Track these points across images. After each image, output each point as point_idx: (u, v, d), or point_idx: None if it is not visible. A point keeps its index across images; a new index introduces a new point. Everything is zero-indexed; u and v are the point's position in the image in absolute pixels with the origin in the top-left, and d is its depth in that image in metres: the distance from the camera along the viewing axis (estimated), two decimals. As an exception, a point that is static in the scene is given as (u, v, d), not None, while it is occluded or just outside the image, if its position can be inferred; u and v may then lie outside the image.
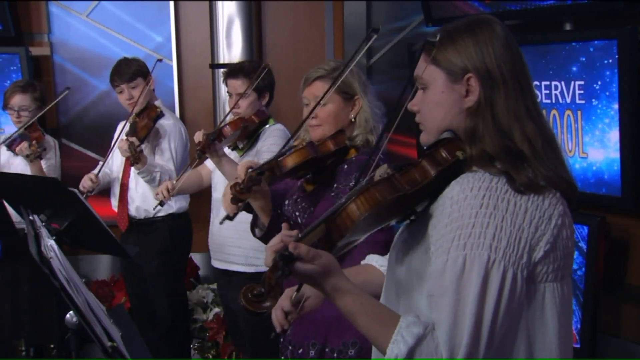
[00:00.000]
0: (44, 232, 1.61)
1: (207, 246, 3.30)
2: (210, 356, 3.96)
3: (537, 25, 2.94)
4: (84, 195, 3.22)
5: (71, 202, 2.43)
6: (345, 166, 2.14)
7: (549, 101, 2.69)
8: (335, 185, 2.12)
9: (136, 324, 1.93)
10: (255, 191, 1.98)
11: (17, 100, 3.61)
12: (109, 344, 1.44)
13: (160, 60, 3.57)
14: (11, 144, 3.63)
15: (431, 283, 1.24)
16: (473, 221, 1.21)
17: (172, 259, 3.58)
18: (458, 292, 1.18)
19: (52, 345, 4.09)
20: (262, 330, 3.03)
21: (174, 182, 3.05)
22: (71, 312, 1.62)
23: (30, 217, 1.82)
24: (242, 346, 3.26)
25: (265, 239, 2.10)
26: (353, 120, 2.18)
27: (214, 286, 4.12)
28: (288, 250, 1.18)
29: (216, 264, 3.19)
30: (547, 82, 2.68)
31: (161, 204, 3.06)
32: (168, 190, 2.99)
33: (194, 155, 3.63)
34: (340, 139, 2.14)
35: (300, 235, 1.25)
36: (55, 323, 3.12)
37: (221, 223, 2.17)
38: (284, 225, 1.35)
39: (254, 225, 2.17)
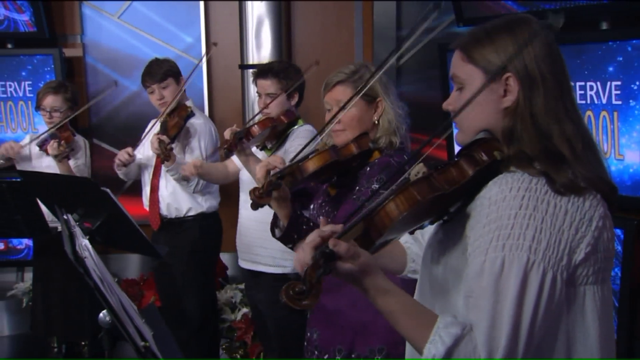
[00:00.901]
0: (78, 231, 1.62)
1: (235, 246, 3.31)
2: (238, 356, 3.97)
3: (572, 24, 2.89)
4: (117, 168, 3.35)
5: (103, 201, 2.44)
6: (368, 169, 2.12)
7: (583, 102, 2.65)
8: (357, 188, 2.10)
9: (165, 323, 1.94)
10: (275, 196, 1.97)
11: (49, 101, 3.66)
12: (142, 343, 1.45)
13: (197, 64, 3.60)
14: (42, 144, 3.68)
15: (468, 283, 1.23)
16: (512, 222, 1.19)
17: (202, 258, 3.59)
18: (496, 293, 1.17)
19: (83, 343, 4.14)
20: (290, 331, 3.03)
21: (203, 161, 3.08)
22: (104, 311, 1.63)
23: (65, 216, 1.84)
24: (270, 347, 3.26)
25: (283, 240, 2.08)
26: (376, 122, 2.16)
27: (242, 286, 4.12)
28: (329, 247, 1.17)
29: (244, 264, 3.20)
30: (582, 83, 2.63)
31: (184, 179, 3.13)
32: (195, 167, 2.99)
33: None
34: (364, 142, 2.12)
35: (338, 234, 1.24)
36: (87, 321, 3.15)
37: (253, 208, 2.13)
38: (322, 220, 1.33)
39: (274, 225, 2.16)
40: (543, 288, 1.17)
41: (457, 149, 1.41)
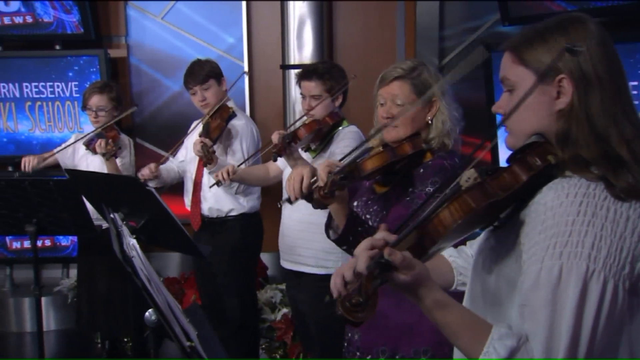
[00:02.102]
0: (125, 230, 1.63)
1: (276, 246, 3.30)
2: (278, 356, 3.97)
3: (626, 22, 2.81)
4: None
5: (148, 200, 2.46)
6: (422, 170, 2.09)
7: (637, 102, 2.56)
8: (410, 189, 2.07)
9: (206, 321, 1.96)
10: (337, 196, 1.95)
11: (95, 100, 3.71)
12: (188, 344, 1.45)
13: (246, 73, 3.60)
14: (89, 143, 3.74)
15: (524, 292, 1.19)
16: (570, 229, 1.15)
17: (243, 258, 3.60)
18: (554, 303, 1.13)
19: (125, 339, 4.20)
20: (332, 332, 3.01)
21: (236, 167, 3.07)
22: (150, 310, 1.64)
23: (112, 215, 1.86)
24: (311, 348, 3.25)
25: (339, 242, 2.06)
26: (430, 122, 2.13)
27: (283, 286, 4.12)
28: (384, 257, 1.15)
29: (286, 264, 3.18)
30: (635, 82, 2.56)
31: (218, 184, 3.09)
32: (228, 173, 3.01)
33: (267, 156, 3.67)
34: (418, 142, 2.09)
35: (392, 242, 1.22)
36: (131, 318, 3.19)
37: (280, 205, 2.11)
38: (382, 226, 1.30)
39: (328, 227, 2.14)
40: (604, 298, 1.13)
41: (501, 152, 1.38)
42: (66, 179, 3.31)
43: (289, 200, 1.97)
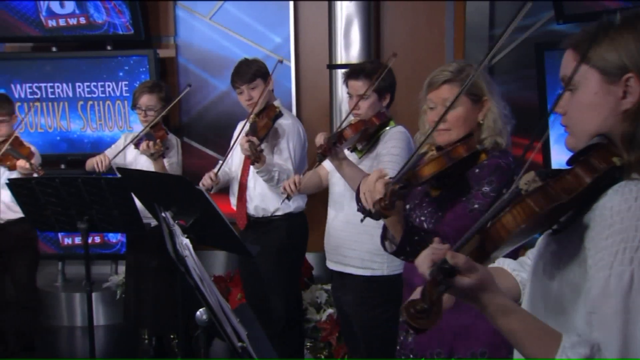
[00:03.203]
0: (177, 229, 1.64)
1: (321, 246, 3.29)
2: (323, 357, 3.97)
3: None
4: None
5: (198, 200, 2.48)
6: (477, 170, 2.05)
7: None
8: (468, 189, 2.03)
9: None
10: (397, 205, 1.92)
11: (145, 100, 3.76)
12: (239, 344, 1.45)
13: (280, 61, 3.59)
14: (138, 143, 3.80)
15: (591, 299, 1.16)
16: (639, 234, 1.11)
17: (289, 258, 3.60)
18: (626, 311, 1.10)
19: (172, 336, 4.25)
20: (378, 334, 2.99)
21: (301, 176, 3.05)
22: (201, 309, 1.65)
23: (163, 214, 1.87)
24: (356, 350, 3.23)
25: (397, 254, 2.02)
26: (481, 122, 2.08)
27: (328, 287, 4.12)
28: (447, 262, 1.13)
29: (331, 265, 3.17)
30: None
31: (288, 198, 3.06)
32: (295, 184, 3.00)
33: (313, 156, 3.66)
34: (472, 144, 2.05)
35: (455, 247, 1.20)
36: (179, 316, 3.22)
37: (362, 220, 2.07)
38: (436, 239, 1.28)
39: (383, 238, 2.11)
40: None
41: (553, 153, 1.33)
42: (117, 178, 3.37)
43: (370, 214, 1.89)
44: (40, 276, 5.08)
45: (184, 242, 1.55)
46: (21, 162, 3.56)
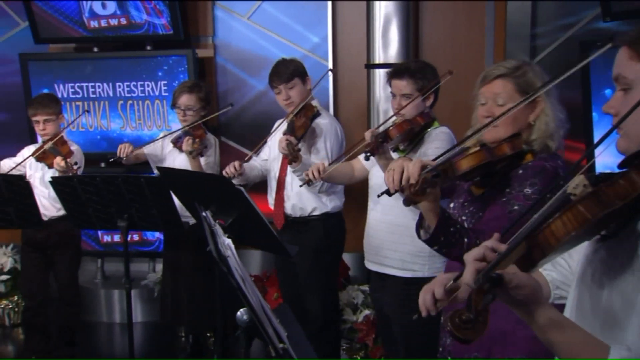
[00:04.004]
0: (218, 229, 1.64)
1: (358, 246, 3.27)
2: (359, 358, 3.94)
3: None
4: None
5: (237, 199, 2.48)
6: (520, 171, 2.00)
7: None
8: (507, 190, 1.99)
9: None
10: (428, 193, 1.90)
11: (184, 99, 3.79)
12: (280, 345, 1.44)
13: (332, 70, 3.58)
14: (176, 141, 3.83)
15: None
16: None
17: (326, 258, 3.59)
18: None
19: (208, 334, 4.28)
20: (417, 337, 2.96)
21: (327, 165, 3.04)
22: (242, 310, 1.64)
23: (204, 214, 1.87)
24: (394, 351, 3.20)
25: (430, 242, 2.01)
26: (532, 123, 2.04)
27: (365, 287, 4.09)
28: (495, 272, 1.09)
29: (370, 266, 3.15)
30: None
31: (308, 183, 3.06)
32: (319, 172, 2.99)
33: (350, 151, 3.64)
34: (517, 143, 2.01)
35: (501, 254, 1.16)
36: (218, 315, 3.23)
37: (379, 196, 2.07)
38: (495, 235, 1.24)
39: (419, 226, 2.09)
40: None
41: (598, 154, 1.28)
42: (156, 177, 3.40)
43: (388, 192, 1.93)
44: (80, 273, 5.17)
45: (226, 242, 1.54)
46: (57, 159, 3.62)
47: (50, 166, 3.77)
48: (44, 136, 3.88)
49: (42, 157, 3.79)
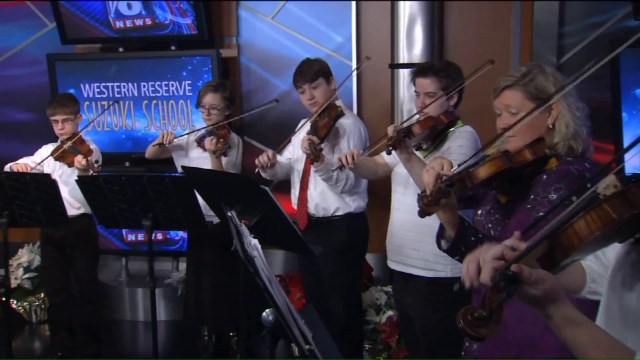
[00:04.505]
0: (244, 229, 1.64)
1: (381, 247, 3.26)
2: (382, 359, 3.92)
3: None
4: (257, 171, 3.38)
5: (262, 199, 2.48)
6: (545, 176, 1.97)
7: None
8: (532, 196, 1.96)
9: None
10: (443, 204, 1.88)
11: (209, 99, 3.81)
12: (307, 347, 1.43)
13: (358, 67, 3.57)
14: (200, 140, 3.85)
15: None
16: None
17: (349, 259, 3.58)
18: None
19: (231, 334, 4.28)
20: (440, 338, 2.93)
21: (360, 151, 3.03)
22: (267, 310, 1.64)
23: (229, 214, 1.87)
24: (417, 353, 3.18)
25: (451, 252, 1.99)
26: (551, 127, 2.00)
27: (388, 288, 4.07)
28: (511, 269, 1.07)
29: (393, 266, 3.13)
30: None
31: (341, 168, 3.05)
32: (353, 157, 2.97)
33: (373, 152, 3.61)
34: (539, 148, 1.97)
35: (520, 252, 1.14)
36: (242, 315, 3.24)
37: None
38: (516, 233, 1.22)
39: (440, 236, 2.07)
40: None
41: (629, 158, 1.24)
42: (181, 176, 3.42)
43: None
44: (104, 271, 5.23)
45: (253, 243, 1.54)
46: (78, 157, 3.65)
47: (70, 165, 3.81)
48: (62, 135, 3.90)
49: (62, 156, 3.81)
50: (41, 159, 3.95)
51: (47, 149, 4.01)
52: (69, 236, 3.96)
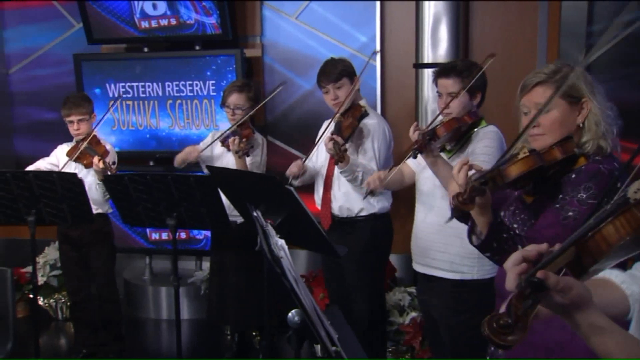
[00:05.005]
0: (271, 230, 1.63)
1: (405, 247, 3.24)
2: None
3: None
4: (290, 181, 3.36)
5: (287, 199, 2.48)
6: (574, 175, 1.93)
7: None
8: (560, 196, 1.93)
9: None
10: (478, 202, 1.86)
11: (234, 99, 3.81)
12: (333, 348, 1.42)
13: (376, 52, 3.54)
14: (224, 140, 3.85)
15: None
16: None
17: (373, 259, 3.56)
18: None
19: (254, 333, 4.29)
20: (465, 340, 2.91)
21: (387, 172, 3.01)
22: (293, 311, 1.63)
23: (255, 214, 1.87)
24: (441, 355, 3.15)
25: (482, 248, 1.97)
26: (581, 125, 1.97)
27: (412, 289, 4.05)
28: (537, 276, 1.05)
29: (418, 268, 3.10)
30: None
31: (372, 193, 3.03)
32: (380, 180, 2.95)
33: (398, 155, 3.59)
34: (568, 147, 1.94)
35: (547, 259, 1.11)
36: (266, 315, 3.24)
37: (447, 222, 2.05)
38: (542, 245, 1.20)
39: (471, 232, 2.05)
40: None
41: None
42: (206, 176, 3.43)
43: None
44: (129, 270, 5.28)
45: (279, 243, 1.53)
46: (95, 160, 3.68)
47: (87, 166, 3.84)
48: (78, 136, 3.93)
49: (79, 157, 3.85)
50: (57, 159, 3.99)
51: (62, 149, 4.04)
52: (86, 235, 3.99)
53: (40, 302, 4.90)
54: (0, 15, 5.51)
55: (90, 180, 3.84)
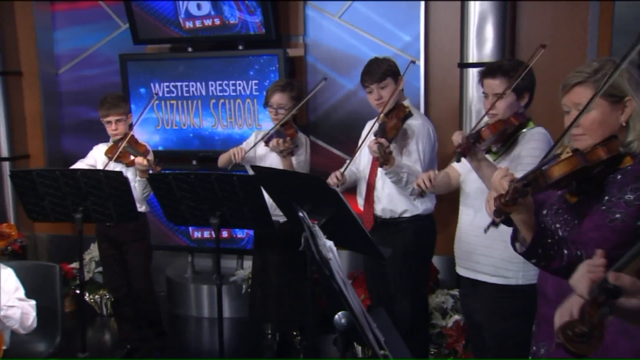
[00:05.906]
0: (318, 231, 1.62)
1: (448, 249, 3.18)
2: (448, 363, 3.86)
3: None
4: None
5: (332, 200, 2.46)
6: (619, 176, 1.87)
7: None
8: (606, 197, 1.87)
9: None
10: (520, 204, 1.81)
11: (277, 98, 3.82)
12: (382, 352, 1.40)
13: (413, 62, 3.51)
14: (268, 140, 3.86)
15: None
16: None
17: (416, 261, 3.52)
18: None
19: (295, 333, 4.29)
20: (509, 345, 2.84)
21: (436, 172, 2.97)
22: (340, 313, 1.61)
23: (301, 214, 1.86)
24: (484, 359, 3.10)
25: (528, 255, 1.92)
26: (624, 124, 1.90)
27: (455, 292, 3.99)
28: (610, 282, 1.01)
29: (462, 271, 3.05)
30: None
31: (421, 195, 2.99)
32: (430, 181, 2.92)
33: (442, 157, 3.54)
34: (613, 146, 1.88)
35: (619, 263, 1.07)
36: (308, 315, 3.24)
37: (486, 231, 2.02)
38: (599, 252, 1.16)
39: (514, 239, 2.00)
40: None
41: None
42: (249, 175, 3.44)
43: (495, 224, 1.89)
44: (171, 267, 5.34)
45: (328, 244, 1.51)
46: (139, 159, 3.73)
47: (128, 165, 3.89)
48: (116, 136, 3.99)
49: (119, 156, 3.91)
50: (94, 160, 4.06)
51: (98, 150, 4.11)
52: (123, 234, 4.04)
53: (86, 298, 4.99)
54: (52, 17, 5.64)
55: (130, 178, 3.90)
